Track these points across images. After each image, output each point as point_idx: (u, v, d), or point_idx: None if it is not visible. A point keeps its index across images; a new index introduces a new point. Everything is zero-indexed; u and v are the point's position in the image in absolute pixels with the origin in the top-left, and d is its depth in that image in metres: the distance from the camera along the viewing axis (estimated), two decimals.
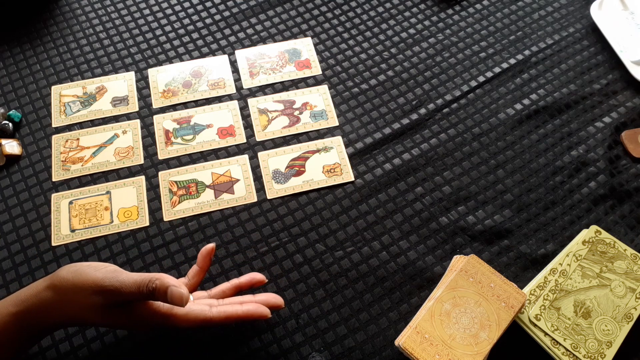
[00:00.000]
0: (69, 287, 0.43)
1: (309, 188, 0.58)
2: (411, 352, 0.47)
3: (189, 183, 0.59)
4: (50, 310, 0.43)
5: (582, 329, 0.48)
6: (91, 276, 0.43)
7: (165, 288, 0.42)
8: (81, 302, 0.42)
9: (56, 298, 0.43)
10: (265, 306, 0.47)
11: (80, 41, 0.68)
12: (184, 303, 0.42)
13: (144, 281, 0.42)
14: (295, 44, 0.68)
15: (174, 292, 0.42)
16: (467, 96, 0.65)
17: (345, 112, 0.63)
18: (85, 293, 0.42)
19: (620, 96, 0.65)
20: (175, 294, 0.42)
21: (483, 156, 0.61)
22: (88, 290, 0.42)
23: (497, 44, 0.69)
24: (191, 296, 0.45)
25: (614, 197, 0.58)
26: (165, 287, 0.42)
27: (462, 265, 0.51)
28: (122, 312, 0.43)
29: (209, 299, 0.47)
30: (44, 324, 0.43)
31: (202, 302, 0.46)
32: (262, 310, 0.47)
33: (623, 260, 0.52)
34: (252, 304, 0.47)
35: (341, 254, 0.55)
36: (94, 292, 0.42)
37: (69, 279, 0.43)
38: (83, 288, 0.42)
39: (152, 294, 0.42)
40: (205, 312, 0.45)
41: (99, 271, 0.43)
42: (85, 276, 0.43)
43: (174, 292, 0.42)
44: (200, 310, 0.45)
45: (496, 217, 0.57)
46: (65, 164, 0.60)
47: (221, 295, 0.48)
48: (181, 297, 0.42)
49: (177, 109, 0.64)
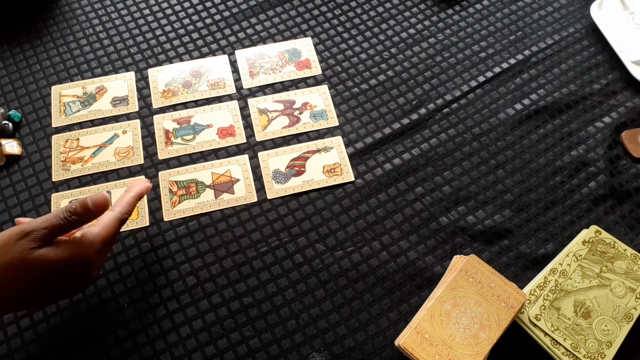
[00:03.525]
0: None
1: (309, 188, 0.58)
2: (411, 352, 0.47)
3: (189, 183, 0.59)
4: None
5: (582, 329, 0.48)
6: (9, 230, 0.43)
7: (84, 199, 0.44)
8: (8, 253, 0.41)
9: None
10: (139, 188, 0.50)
11: (80, 41, 0.68)
12: (108, 201, 0.45)
13: (60, 210, 0.43)
14: (295, 44, 0.68)
15: (94, 197, 0.44)
16: (467, 96, 0.65)
17: (345, 112, 0.63)
18: (10, 242, 0.42)
19: (620, 96, 0.65)
20: (97, 197, 0.44)
21: (483, 156, 0.61)
22: (13, 238, 0.42)
23: (497, 44, 0.69)
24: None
25: (614, 197, 0.58)
26: (84, 199, 0.44)
27: (462, 265, 0.51)
28: (51, 249, 0.42)
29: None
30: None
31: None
32: (144, 182, 0.51)
33: (623, 260, 0.52)
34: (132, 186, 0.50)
35: (341, 254, 0.55)
36: (19, 237, 0.42)
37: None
38: (7, 240, 0.42)
39: (72, 212, 0.43)
40: (111, 214, 0.46)
41: (13, 228, 0.43)
42: (5, 233, 0.42)
43: (94, 197, 0.44)
44: (107, 216, 0.46)
45: (496, 217, 0.57)
46: (65, 164, 0.60)
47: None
48: (103, 196, 0.45)
49: (177, 109, 0.64)
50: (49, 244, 0.43)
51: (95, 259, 0.45)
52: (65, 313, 0.51)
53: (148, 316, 0.51)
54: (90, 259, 0.44)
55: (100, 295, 0.52)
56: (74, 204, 0.44)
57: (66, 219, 0.43)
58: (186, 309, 0.52)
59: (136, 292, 0.53)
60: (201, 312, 0.52)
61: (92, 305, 0.52)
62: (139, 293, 0.52)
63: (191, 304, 0.52)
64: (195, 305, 0.52)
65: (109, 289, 0.53)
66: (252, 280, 0.53)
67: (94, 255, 0.44)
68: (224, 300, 0.52)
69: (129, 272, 0.53)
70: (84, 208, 0.44)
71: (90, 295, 0.52)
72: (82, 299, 0.52)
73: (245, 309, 0.52)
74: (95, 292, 0.52)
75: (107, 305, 0.52)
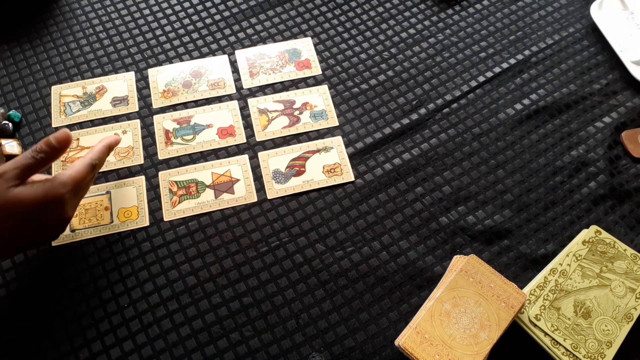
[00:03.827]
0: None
1: (309, 188, 0.58)
2: (411, 352, 0.47)
3: (189, 183, 0.59)
4: None
5: (582, 329, 0.48)
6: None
7: (47, 138, 0.47)
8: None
9: None
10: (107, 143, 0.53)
11: (80, 41, 0.68)
12: (70, 136, 0.48)
13: (28, 151, 0.46)
14: (295, 44, 0.68)
15: (56, 134, 0.47)
16: (467, 96, 0.65)
17: (345, 112, 0.63)
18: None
19: (620, 96, 0.65)
20: (58, 133, 0.47)
21: (483, 156, 0.61)
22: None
23: (497, 44, 0.69)
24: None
25: (614, 197, 0.58)
26: (47, 137, 0.47)
27: (462, 265, 0.51)
28: (26, 188, 0.45)
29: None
30: None
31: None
32: (113, 136, 0.55)
33: (623, 260, 0.52)
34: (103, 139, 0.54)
35: (341, 254, 0.55)
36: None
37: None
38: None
39: (38, 151, 0.46)
40: (81, 159, 0.50)
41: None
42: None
43: (55, 134, 0.47)
44: (78, 161, 0.49)
45: (496, 217, 0.57)
46: (65, 164, 0.60)
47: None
48: (64, 132, 0.47)
49: (177, 109, 0.64)
50: (22, 183, 0.45)
51: (69, 197, 0.47)
52: (65, 313, 0.51)
53: (148, 316, 0.51)
54: (63, 197, 0.46)
55: (100, 295, 0.52)
56: (39, 142, 0.47)
57: (34, 158, 0.46)
58: (186, 309, 0.52)
59: (136, 292, 0.53)
60: (201, 312, 0.52)
61: (92, 305, 0.52)
62: (138, 293, 0.52)
63: (191, 304, 0.52)
64: (195, 305, 0.52)
65: (109, 289, 0.53)
66: (252, 280, 0.53)
67: (68, 194, 0.47)
68: (224, 300, 0.52)
69: (129, 272, 0.53)
70: (48, 145, 0.47)
71: (91, 295, 0.52)
72: (83, 299, 0.52)
73: (245, 309, 0.52)
74: (95, 292, 0.52)
75: (107, 305, 0.52)
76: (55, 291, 0.52)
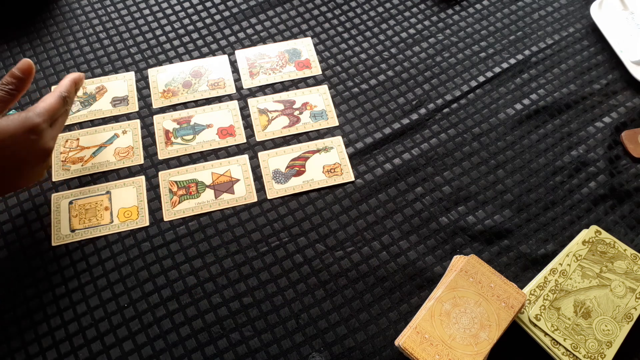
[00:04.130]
0: None
1: (309, 188, 0.58)
2: (411, 352, 0.47)
3: (189, 183, 0.59)
4: None
5: (582, 329, 0.48)
6: None
7: (11, 71, 0.49)
8: None
9: None
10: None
11: (80, 41, 0.68)
12: (31, 64, 0.50)
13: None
14: (295, 44, 0.68)
15: (18, 64, 0.50)
16: (467, 96, 0.65)
17: (345, 112, 0.63)
18: None
19: (620, 96, 0.65)
20: (20, 63, 0.50)
21: (483, 156, 0.61)
22: None
23: (497, 44, 0.69)
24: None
25: (614, 197, 0.58)
26: (11, 70, 0.49)
27: (462, 265, 0.51)
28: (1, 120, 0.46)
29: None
30: None
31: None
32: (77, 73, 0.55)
33: (623, 260, 0.52)
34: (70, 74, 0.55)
35: (341, 254, 0.55)
36: None
37: None
38: None
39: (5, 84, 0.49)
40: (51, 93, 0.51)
41: None
42: None
43: (18, 64, 0.50)
44: (48, 94, 0.51)
45: (496, 217, 0.57)
46: (65, 164, 0.60)
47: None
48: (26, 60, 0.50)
49: (177, 109, 0.64)
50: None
51: (45, 127, 0.48)
52: (66, 314, 0.51)
53: (148, 316, 0.51)
54: (40, 125, 0.47)
55: (100, 295, 0.52)
56: (5, 76, 0.49)
57: (2, 90, 0.49)
58: (186, 309, 0.52)
59: (136, 292, 0.53)
60: (201, 312, 0.52)
61: (92, 305, 0.52)
62: (138, 293, 0.53)
63: (191, 304, 0.52)
64: (195, 305, 0.52)
65: (109, 289, 0.53)
66: (252, 280, 0.53)
67: (44, 123, 0.48)
68: (224, 300, 0.52)
69: (129, 272, 0.53)
70: (14, 76, 0.49)
71: (90, 295, 0.52)
72: (82, 299, 0.52)
73: (245, 309, 0.52)
74: (95, 292, 0.52)
75: (107, 305, 0.52)
76: (55, 291, 0.52)
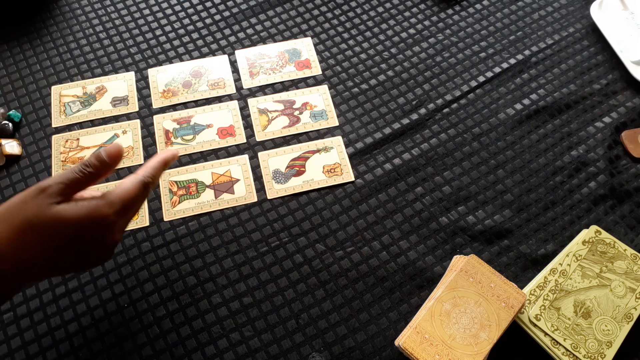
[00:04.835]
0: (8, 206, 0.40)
1: (309, 188, 0.58)
2: (411, 352, 0.47)
3: (189, 183, 0.59)
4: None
5: (582, 329, 0.48)
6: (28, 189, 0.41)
7: (98, 152, 0.43)
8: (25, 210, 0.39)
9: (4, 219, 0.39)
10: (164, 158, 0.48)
11: (80, 41, 0.68)
12: (121, 151, 0.44)
13: (76, 165, 0.42)
14: (295, 44, 0.68)
15: (107, 147, 0.43)
16: (467, 96, 0.65)
17: (345, 112, 0.63)
18: (27, 199, 0.40)
19: (620, 96, 0.65)
20: (110, 147, 0.43)
21: (483, 156, 0.61)
22: (30, 195, 0.40)
23: (497, 44, 0.69)
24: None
25: (614, 197, 0.58)
26: (98, 151, 0.43)
27: (462, 265, 0.51)
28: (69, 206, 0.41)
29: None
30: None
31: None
32: (171, 150, 0.49)
33: (623, 260, 0.52)
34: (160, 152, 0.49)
35: (341, 254, 0.55)
36: (36, 194, 0.40)
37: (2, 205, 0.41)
38: (25, 197, 0.40)
39: (87, 165, 0.42)
40: (132, 176, 0.45)
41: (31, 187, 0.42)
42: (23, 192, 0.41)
43: (107, 147, 0.43)
44: (128, 178, 0.45)
45: (496, 217, 0.57)
46: (65, 164, 0.60)
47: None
48: (116, 146, 0.44)
49: (177, 109, 0.64)
50: (66, 200, 0.41)
51: (115, 219, 0.42)
52: (66, 313, 0.51)
53: (148, 316, 0.51)
54: (109, 218, 0.42)
55: (100, 295, 0.52)
56: (89, 156, 0.43)
57: (82, 172, 0.42)
58: (186, 309, 0.52)
59: (136, 292, 0.53)
60: (201, 312, 0.52)
61: (92, 305, 0.52)
62: (139, 293, 0.53)
63: (191, 304, 0.52)
64: (195, 305, 0.52)
65: (109, 289, 0.53)
66: (252, 280, 0.53)
67: (114, 216, 0.42)
68: (224, 300, 0.52)
69: (129, 272, 0.53)
70: (98, 159, 0.43)
71: (90, 295, 0.52)
72: (82, 299, 0.52)
73: (245, 309, 0.52)
74: (95, 292, 0.52)
75: (107, 305, 0.52)
76: (55, 291, 0.52)
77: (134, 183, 0.44)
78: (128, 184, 0.44)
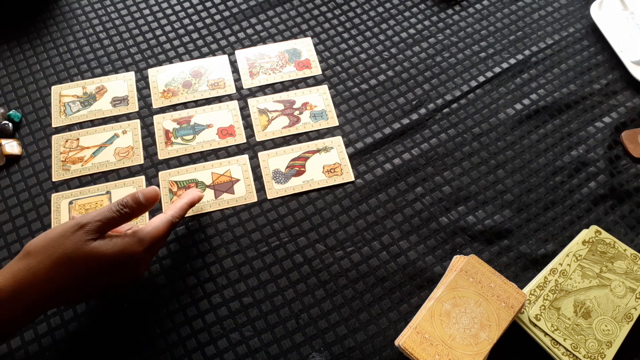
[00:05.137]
0: (49, 239, 0.44)
1: (309, 188, 0.58)
2: (411, 352, 0.47)
3: (189, 183, 0.59)
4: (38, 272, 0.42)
5: (582, 329, 0.48)
6: (66, 223, 0.45)
7: (135, 193, 0.47)
8: (65, 245, 0.43)
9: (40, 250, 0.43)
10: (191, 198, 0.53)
11: (80, 41, 0.68)
12: (158, 194, 0.48)
13: (113, 204, 0.46)
14: (295, 44, 0.68)
15: (145, 190, 0.47)
16: (467, 96, 0.65)
17: (345, 112, 0.63)
18: (66, 234, 0.43)
19: (620, 96, 0.65)
20: (148, 190, 0.47)
21: (483, 156, 0.61)
22: (69, 230, 0.44)
23: (497, 44, 0.69)
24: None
25: (614, 197, 0.58)
26: (135, 193, 0.47)
27: (462, 265, 0.51)
28: (104, 242, 0.44)
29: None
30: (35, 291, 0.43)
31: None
32: (196, 192, 0.54)
33: (623, 260, 0.52)
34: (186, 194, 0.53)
35: (341, 254, 0.55)
36: (74, 230, 0.44)
37: (43, 237, 0.44)
38: (64, 232, 0.43)
39: (124, 205, 0.45)
40: (163, 216, 0.49)
41: (69, 221, 0.45)
42: (60, 226, 0.44)
43: (144, 190, 0.47)
44: (159, 217, 0.49)
45: (496, 217, 0.57)
46: (65, 164, 0.60)
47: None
48: (154, 189, 0.48)
49: (177, 109, 0.64)
50: (102, 237, 0.44)
51: (143, 256, 0.46)
52: (66, 313, 0.51)
53: (148, 316, 0.51)
54: (139, 255, 0.46)
55: None
56: (126, 197, 0.46)
57: (119, 212, 0.45)
58: (186, 309, 0.52)
59: (136, 292, 0.53)
60: (201, 312, 0.52)
61: (93, 305, 0.52)
62: (138, 293, 0.52)
63: (191, 304, 0.52)
64: (195, 305, 0.52)
65: None
66: (252, 280, 0.53)
67: (143, 253, 0.46)
68: (224, 300, 0.52)
69: None
70: (135, 201, 0.46)
71: None
72: None
73: (245, 309, 0.52)
74: None
75: (108, 305, 0.52)
76: None
77: (163, 222, 0.48)
78: (158, 223, 0.48)
